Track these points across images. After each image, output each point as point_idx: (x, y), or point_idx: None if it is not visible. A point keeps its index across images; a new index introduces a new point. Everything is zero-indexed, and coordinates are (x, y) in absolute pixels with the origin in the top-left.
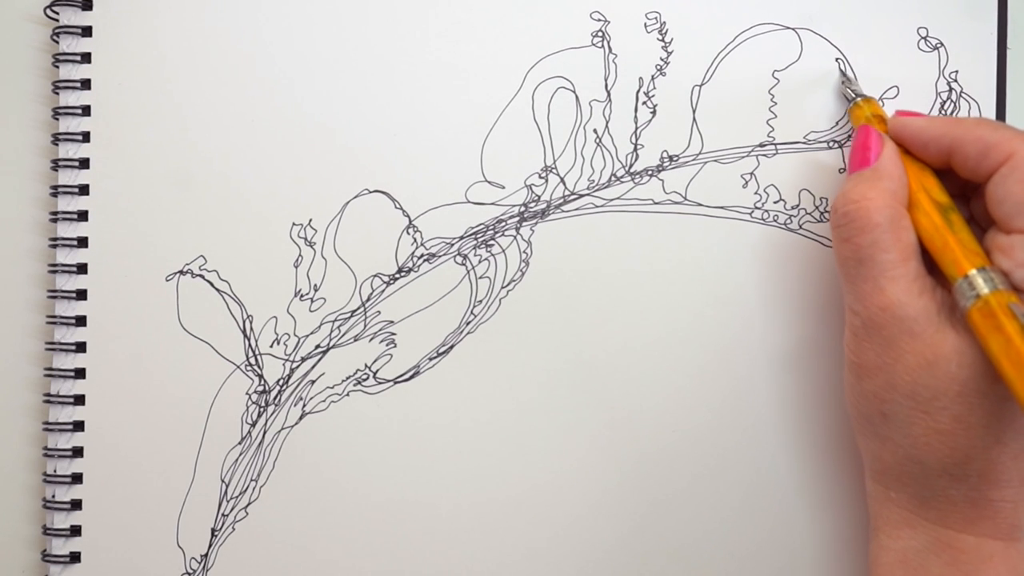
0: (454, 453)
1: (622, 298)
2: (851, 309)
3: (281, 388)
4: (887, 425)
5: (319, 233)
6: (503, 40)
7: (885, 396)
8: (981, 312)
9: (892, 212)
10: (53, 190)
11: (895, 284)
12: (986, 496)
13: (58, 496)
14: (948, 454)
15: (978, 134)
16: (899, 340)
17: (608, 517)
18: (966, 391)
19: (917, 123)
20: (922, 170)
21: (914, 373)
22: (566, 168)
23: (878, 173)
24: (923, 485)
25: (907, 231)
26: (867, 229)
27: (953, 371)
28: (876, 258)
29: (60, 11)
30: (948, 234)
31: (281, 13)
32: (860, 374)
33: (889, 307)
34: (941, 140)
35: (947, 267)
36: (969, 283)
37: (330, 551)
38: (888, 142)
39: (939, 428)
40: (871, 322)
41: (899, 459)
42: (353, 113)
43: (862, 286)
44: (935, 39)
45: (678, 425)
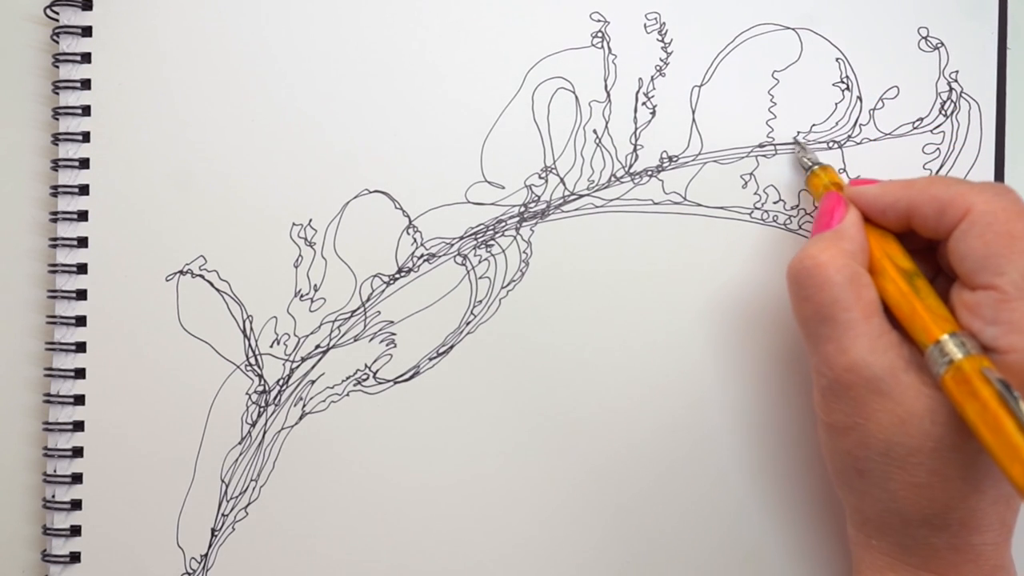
0: (454, 453)
1: (622, 298)
2: (817, 370)
3: (281, 388)
4: (863, 481)
5: (319, 233)
6: (503, 40)
7: (859, 454)
8: (954, 379)
9: (851, 271)
10: (53, 190)
11: (859, 343)
12: (968, 542)
13: (58, 496)
14: (927, 506)
15: (932, 194)
16: (868, 400)
17: (612, 516)
18: (941, 447)
19: (872, 191)
20: (884, 237)
21: (887, 431)
22: (566, 168)
23: (838, 235)
24: (904, 534)
25: (867, 288)
26: (826, 287)
27: (927, 428)
28: (838, 317)
29: (60, 11)
30: (915, 300)
31: (281, 13)
32: (832, 433)
33: (855, 367)
34: (897, 205)
35: (917, 334)
36: (940, 349)
37: (330, 551)
38: (852, 208)
39: (916, 482)
40: (838, 383)
41: (878, 511)
42: (353, 113)
43: (825, 347)
44: (935, 39)
45: (680, 424)
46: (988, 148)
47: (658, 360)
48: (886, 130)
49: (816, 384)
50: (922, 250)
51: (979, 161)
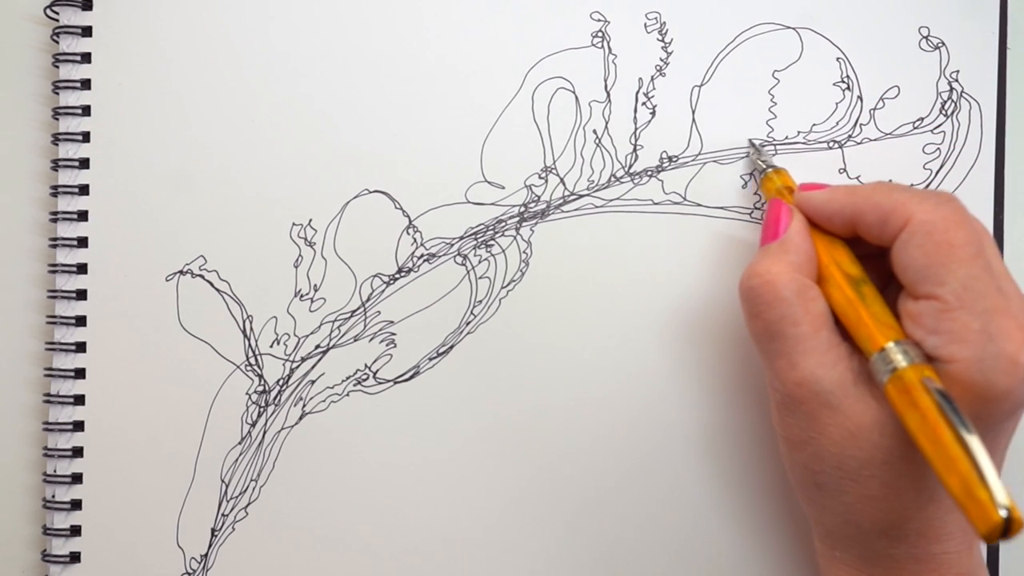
0: (454, 453)
1: (622, 298)
2: (770, 385)
3: (281, 388)
4: (821, 494)
5: (319, 233)
6: (503, 40)
7: (815, 467)
8: (896, 387)
9: (798, 285)
10: (53, 190)
11: (808, 358)
12: (928, 552)
13: (58, 496)
14: (883, 518)
15: (875, 202)
16: (819, 414)
17: (617, 515)
18: (892, 458)
19: (819, 197)
20: (832, 243)
21: (839, 445)
22: (566, 168)
23: (784, 247)
24: (864, 546)
25: (815, 301)
26: (774, 303)
27: (876, 440)
28: (786, 332)
29: (60, 11)
30: (861, 308)
31: (281, 13)
32: (789, 447)
33: (805, 382)
34: (843, 212)
35: (862, 341)
36: (883, 358)
37: (330, 551)
38: (797, 215)
39: (870, 495)
40: (790, 398)
41: (838, 524)
42: (353, 113)
43: (777, 362)
44: (936, 39)
45: (682, 424)
46: (988, 148)
47: (658, 360)
48: (887, 130)
49: (771, 399)
50: (877, 256)
51: (979, 161)
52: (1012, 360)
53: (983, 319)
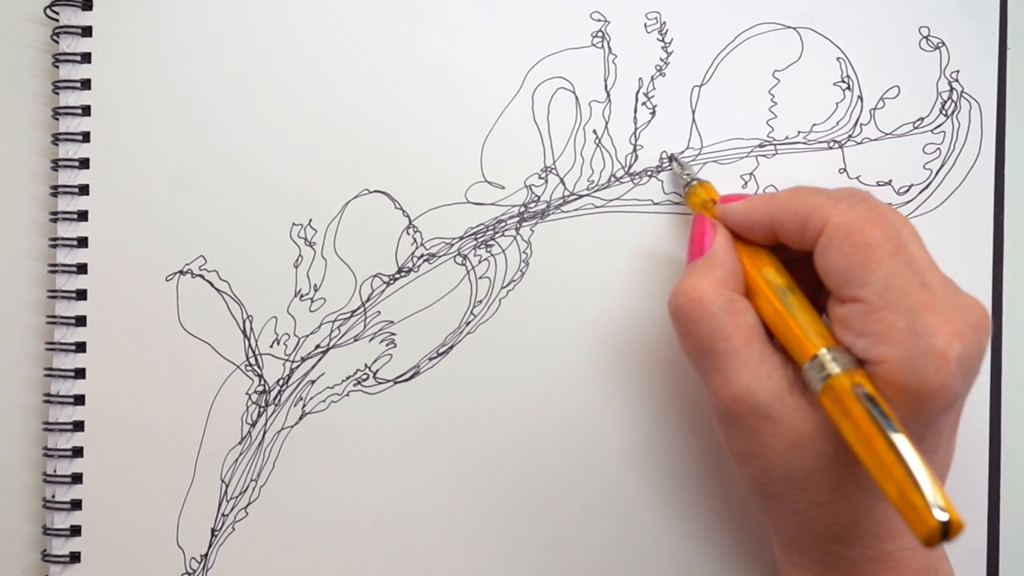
0: (454, 453)
1: (622, 298)
2: (709, 402)
3: (281, 388)
4: (774, 504)
5: (319, 233)
6: (503, 40)
7: (763, 479)
8: (829, 397)
9: (725, 299)
10: (53, 190)
11: (741, 371)
12: (883, 550)
13: (58, 496)
14: (835, 522)
15: (791, 208)
16: (760, 426)
17: (619, 515)
18: (836, 464)
19: (737, 209)
20: (757, 253)
21: (783, 456)
22: (566, 168)
23: (709, 262)
24: (821, 551)
25: (744, 315)
26: (703, 319)
27: (818, 447)
28: (717, 348)
29: (60, 11)
30: (789, 318)
31: (281, 13)
32: (735, 461)
33: (741, 396)
34: (762, 221)
35: (793, 351)
36: (815, 366)
37: (330, 551)
38: (721, 229)
39: (821, 501)
40: (728, 413)
41: (793, 531)
42: (353, 113)
43: (712, 378)
44: (936, 39)
45: (686, 421)
46: (988, 148)
47: (658, 359)
48: (887, 130)
49: (712, 415)
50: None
51: (979, 161)
52: (941, 355)
53: (908, 317)
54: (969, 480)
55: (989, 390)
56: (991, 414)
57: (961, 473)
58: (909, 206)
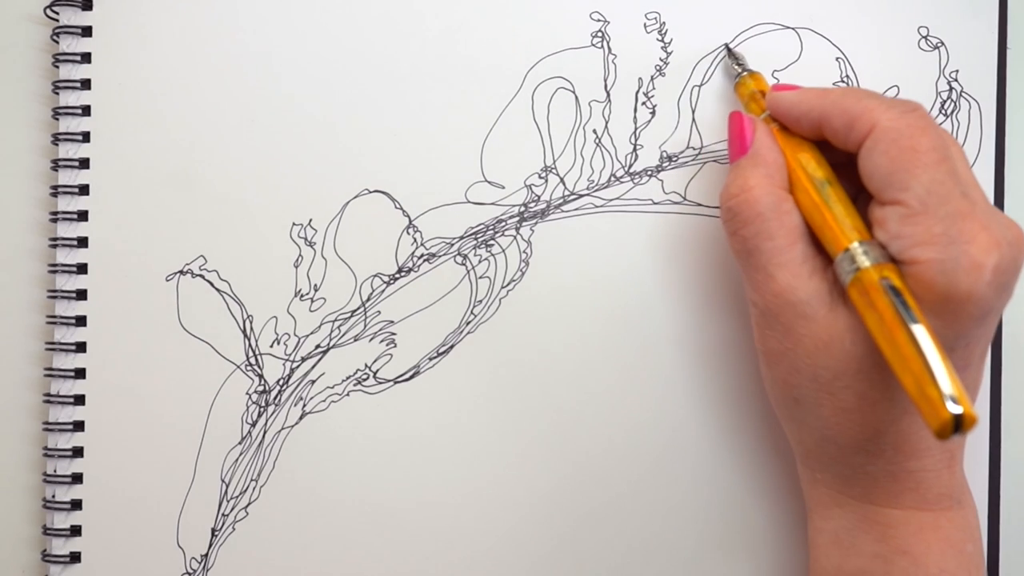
0: (454, 453)
1: (621, 297)
2: (750, 300)
3: (281, 388)
4: (800, 409)
5: (319, 233)
6: (503, 40)
7: (792, 381)
8: (857, 289)
9: (773, 199)
10: (53, 190)
11: (784, 270)
12: (905, 468)
13: (58, 496)
14: (859, 431)
15: (843, 106)
16: (795, 324)
17: (620, 515)
18: (864, 367)
19: (788, 98)
20: (800, 145)
21: (813, 356)
22: (566, 168)
23: (754, 160)
24: (843, 464)
25: (790, 214)
26: (751, 220)
27: (848, 348)
28: (762, 247)
29: (60, 11)
30: (825, 210)
31: (281, 13)
32: (768, 362)
33: (781, 293)
34: (810, 114)
35: (827, 244)
36: (846, 258)
37: (330, 551)
38: (760, 124)
39: (846, 407)
40: (768, 310)
41: (816, 441)
42: (353, 113)
43: (754, 276)
44: (935, 38)
45: (682, 423)
46: (988, 147)
47: (658, 359)
48: None
49: (752, 315)
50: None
51: (979, 160)
52: (974, 261)
53: (946, 223)
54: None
55: (989, 390)
56: (991, 414)
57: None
58: None
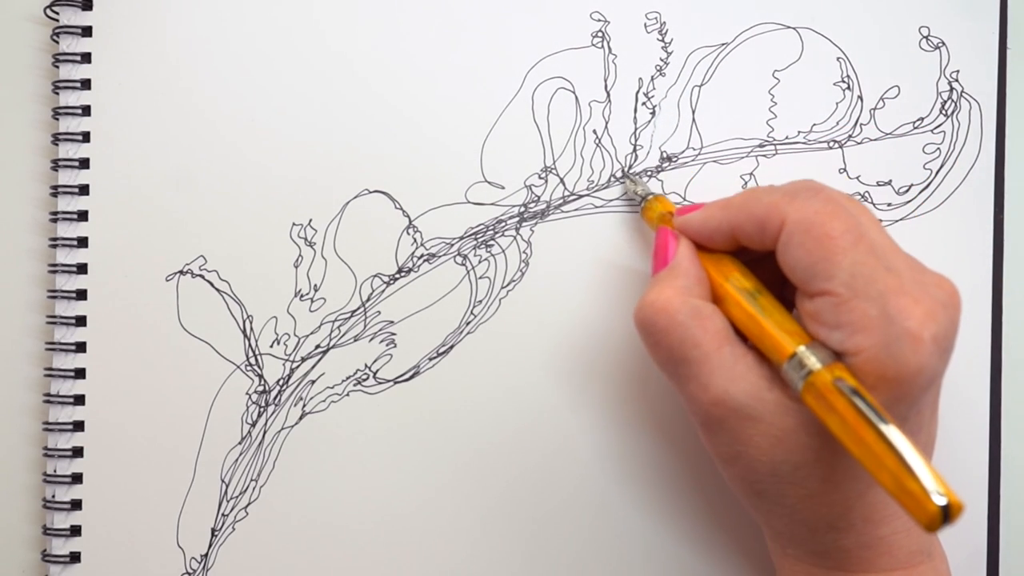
0: (454, 453)
1: (621, 298)
2: (688, 410)
3: (281, 388)
4: (764, 501)
5: (319, 233)
6: (503, 40)
7: (751, 478)
8: (812, 394)
9: (690, 307)
10: (53, 190)
11: (716, 375)
12: (876, 537)
13: (58, 496)
14: (828, 512)
15: (748, 211)
16: (742, 427)
17: (622, 514)
18: (823, 455)
19: (695, 219)
20: (721, 260)
21: (768, 453)
22: (566, 168)
23: (672, 273)
24: (814, 542)
25: (711, 319)
26: (670, 329)
27: (804, 441)
28: (689, 355)
29: (60, 11)
30: (762, 320)
31: (281, 13)
32: (721, 464)
33: (720, 400)
34: (721, 228)
35: (769, 353)
36: (793, 365)
37: (330, 551)
38: (683, 240)
39: (811, 493)
40: (710, 419)
41: (785, 524)
42: (353, 113)
43: (688, 387)
44: (936, 38)
45: (686, 421)
46: (988, 148)
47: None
48: (887, 130)
49: (694, 423)
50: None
51: (979, 161)
52: (916, 337)
53: (879, 303)
54: (969, 480)
55: (989, 390)
56: (991, 414)
57: (961, 473)
58: (909, 206)
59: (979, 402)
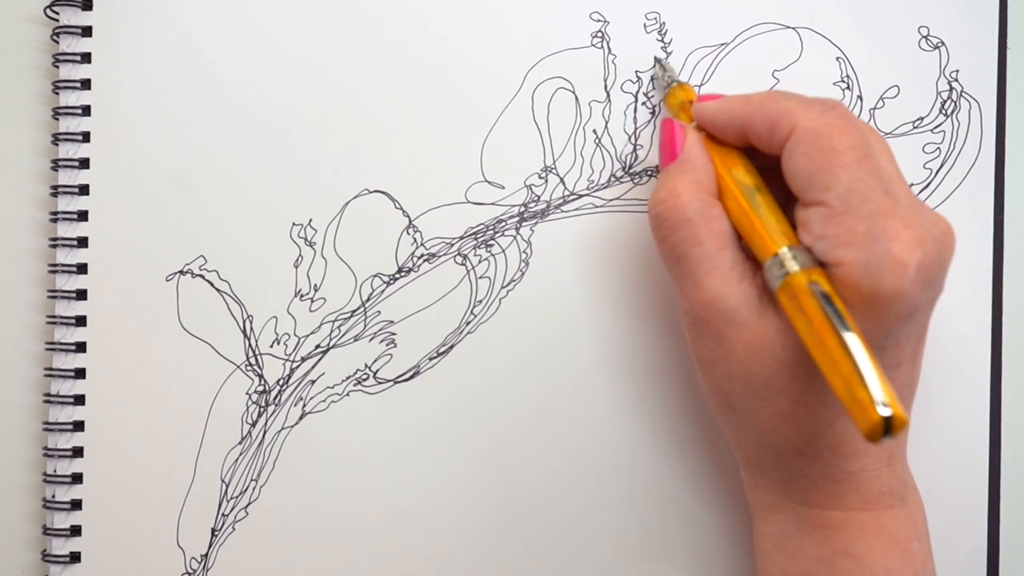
0: (454, 452)
1: (621, 298)
2: (681, 308)
3: (281, 388)
4: (736, 415)
5: (319, 233)
6: (503, 40)
7: (726, 388)
8: (786, 294)
9: (701, 204)
10: (53, 190)
11: (712, 276)
12: (844, 470)
13: (58, 496)
14: (796, 435)
15: (764, 111)
16: (726, 331)
17: (620, 512)
18: (796, 372)
19: (712, 107)
20: (728, 153)
21: (745, 362)
22: (566, 168)
23: (683, 166)
24: (782, 468)
25: (718, 220)
26: (679, 226)
27: (779, 354)
28: (690, 253)
29: (60, 11)
30: (754, 216)
31: (281, 13)
32: (702, 370)
33: (711, 300)
34: (734, 121)
35: (757, 251)
36: (775, 263)
37: (330, 551)
38: (691, 131)
39: (781, 412)
40: (698, 318)
41: (754, 446)
42: (353, 113)
43: (684, 283)
44: (936, 38)
45: (686, 423)
46: (988, 147)
47: (659, 358)
48: (886, 129)
49: (683, 323)
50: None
51: (979, 160)
52: (897, 259)
53: (868, 221)
54: (969, 480)
55: (989, 390)
56: (991, 414)
57: (961, 473)
58: None
59: (979, 402)
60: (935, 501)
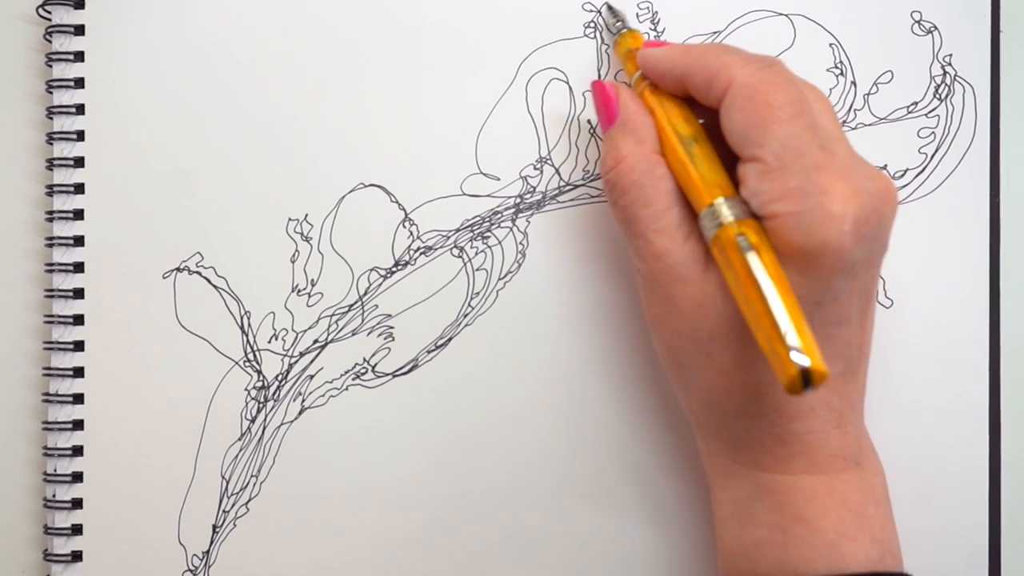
0: (453, 446)
1: (618, 288)
2: (635, 268)
3: (280, 383)
4: (684, 373)
5: (315, 228)
6: (496, 32)
7: (674, 345)
8: (717, 246)
9: (645, 165)
10: (48, 189)
11: (660, 235)
12: (790, 431)
13: (59, 495)
14: (740, 394)
15: (703, 63)
16: (673, 287)
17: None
18: (737, 327)
19: (655, 55)
20: (669, 102)
21: (689, 318)
22: (561, 159)
23: (624, 128)
24: (729, 430)
25: (664, 179)
26: (627, 189)
27: (720, 308)
28: (639, 214)
29: (53, 10)
30: (690, 167)
31: (274, 9)
32: (653, 327)
33: (659, 257)
34: (674, 71)
35: (693, 202)
36: (709, 214)
37: (331, 545)
38: (623, 89)
39: (724, 369)
40: (649, 275)
41: (702, 406)
42: (347, 107)
43: (635, 243)
44: (929, 23)
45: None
46: (983, 131)
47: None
48: (881, 115)
49: (637, 282)
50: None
51: (974, 144)
52: (829, 212)
53: (801, 176)
54: (969, 480)
55: (989, 389)
56: (991, 414)
57: (961, 473)
58: (905, 190)
59: (979, 402)
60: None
